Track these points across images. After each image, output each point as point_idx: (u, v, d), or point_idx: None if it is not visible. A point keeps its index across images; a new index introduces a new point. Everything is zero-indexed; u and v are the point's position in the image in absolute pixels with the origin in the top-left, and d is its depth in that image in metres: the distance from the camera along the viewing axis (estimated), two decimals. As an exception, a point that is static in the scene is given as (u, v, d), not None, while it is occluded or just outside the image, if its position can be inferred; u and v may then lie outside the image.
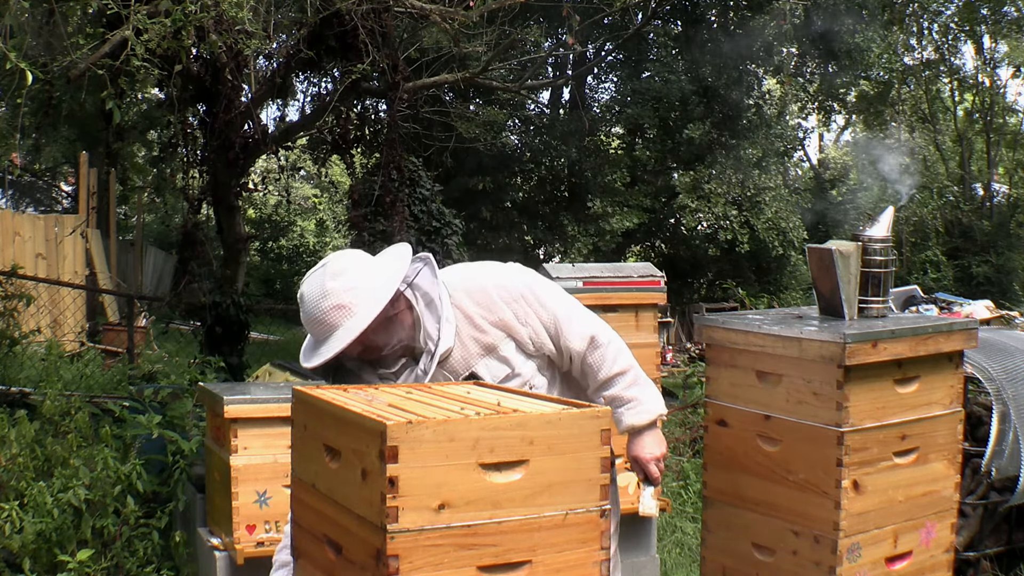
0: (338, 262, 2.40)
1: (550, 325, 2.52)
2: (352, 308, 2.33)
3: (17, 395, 5.79)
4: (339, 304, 2.32)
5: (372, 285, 2.36)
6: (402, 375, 2.48)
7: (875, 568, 2.81)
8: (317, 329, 2.35)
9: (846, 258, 2.91)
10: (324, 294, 2.33)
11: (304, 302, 2.37)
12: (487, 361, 2.48)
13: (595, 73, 19.03)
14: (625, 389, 2.56)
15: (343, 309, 2.32)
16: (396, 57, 7.99)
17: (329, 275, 2.36)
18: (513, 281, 2.52)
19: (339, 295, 2.33)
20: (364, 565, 1.91)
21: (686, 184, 17.31)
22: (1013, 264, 20.08)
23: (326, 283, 2.34)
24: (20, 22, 5.91)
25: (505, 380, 2.48)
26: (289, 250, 22.67)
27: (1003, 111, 22.16)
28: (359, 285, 2.35)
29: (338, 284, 2.34)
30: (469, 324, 2.47)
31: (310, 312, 2.35)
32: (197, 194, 7.72)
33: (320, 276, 2.38)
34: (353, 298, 2.33)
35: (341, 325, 2.32)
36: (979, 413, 4.63)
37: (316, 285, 2.36)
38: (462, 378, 2.47)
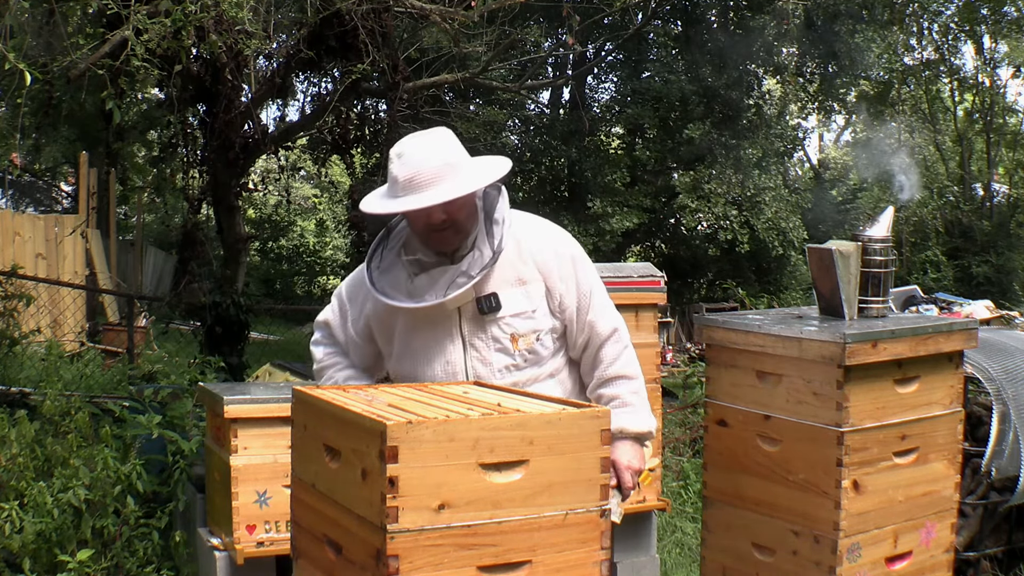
0: (448, 133, 2.47)
1: (584, 296, 2.54)
2: (461, 171, 2.39)
3: (17, 395, 5.78)
4: (451, 163, 2.38)
5: (479, 163, 2.47)
6: (439, 277, 2.44)
7: (875, 568, 2.81)
8: (419, 178, 2.35)
9: (846, 258, 2.91)
10: (438, 150, 2.38)
11: (410, 152, 2.38)
12: (513, 291, 2.48)
13: (595, 73, 19.03)
14: (628, 393, 2.56)
15: (454, 168, 2.38)
16: (396, 57, 8.00)
17: (441, 139, 2.43)
18: (569, 242, 2.59)
19: (452, 155, 2.39)
20: (364, 565, 1.91)
21: (686, 184, 17.30)
22: (1013, 264, 20.07)
23: (439, 143, 2.41)
24: (20, 22, 5.91)
25: (520, 316, 2.48)
26: (289, 250, 22.66)
27: (1003, 111, 22.16)
28: (467, 157, 2.45)
29: (452, 148, 2.41)
30: (515, 252, 2.49)
31: (416, 163, 2.36)
32: (197, 194, 7.72)
33: (431, 136, 2.44)
34: (463, 162, 2.41)
35: (447, 180, 2.35)
36: (979, 413, 4.62)
37: (428, 142, 2.41)
38: (480, 297, 2.44)
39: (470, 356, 2.49)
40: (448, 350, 2.49)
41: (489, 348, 2.48)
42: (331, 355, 2.67)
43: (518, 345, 2.49)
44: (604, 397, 2.56)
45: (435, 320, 2.48)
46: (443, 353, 2.49)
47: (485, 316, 2.46)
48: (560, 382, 2.58)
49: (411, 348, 2.52)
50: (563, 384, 2.59)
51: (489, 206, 2.51)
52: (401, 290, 2.48)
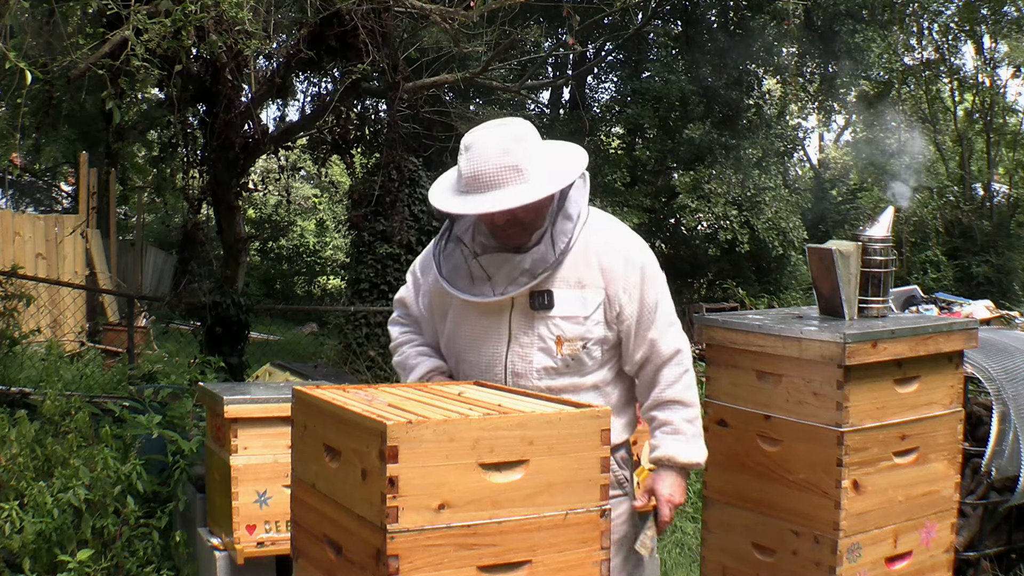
0: (522, 127, 2.36)
1: (648, 311, 2.44)
2: (526, 175, 2.28)
3: (17, 395, 5.79)
4: (516, 166, 2.28)
5: (550, 165, 2.33)
6: (502, 271, 2.40)
7: (875, 568, 2.81)
8: (480, 180, 2.28)
9: (846, 258, 2.91)
10: (505, 150, 2.28)
11: (476, 149, 2.30)
12: (570, 292, 2.39)
13: (595, 73, 19.03)
14: (682, 420, 2.45)
15: (518, 172, 2.28)
16: (396, 57, 7.98)
17: (511, 135, 2.31)
18: (642, 250, 2.50)
19: (519, 158, 2.28)
20: (364, 565, 1.91)
21: (686, 184, 17.30)
22: (1013, 264, 20.06)
23: (508, 141, 2.29)
24: (20, 22, 5.91)
25: (570, 320, 2.39)
26: (289, 250, 22.65)
27: (1003, 111, 22.14)
28: (540, 157, 2.32)
29: (521, 148, 2.29)
30: (582, 253, 2.41)
31: (481, 162, 2.27)
32: (197, 194, 7.71)
33: (501, 131, 2.32)
34: (530, 166, 2.29)
35: (509, 186, 2.26)
36: (979, 413, 4.62)
37: (496, 138, 2.30)
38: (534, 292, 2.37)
39: (512, 350, 2.41)
40: (493, 340, 2.43)
41: (532, 346, 2.40)
42: (406, 332, 2.65)
43: (562, 349, 2.40)
44: (656, 420, 2.46)
45: (487, 307, 2.42)
46: (488, 343, 2.44)
47: (535, 312, 2.38)
48: (603, 395, 2.47)
49: (460, 332, 2.49)
50: (606, 397, 2.48)
51: (565, 196, 2.41)
52: (461, 273, 2.43)
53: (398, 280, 11.29)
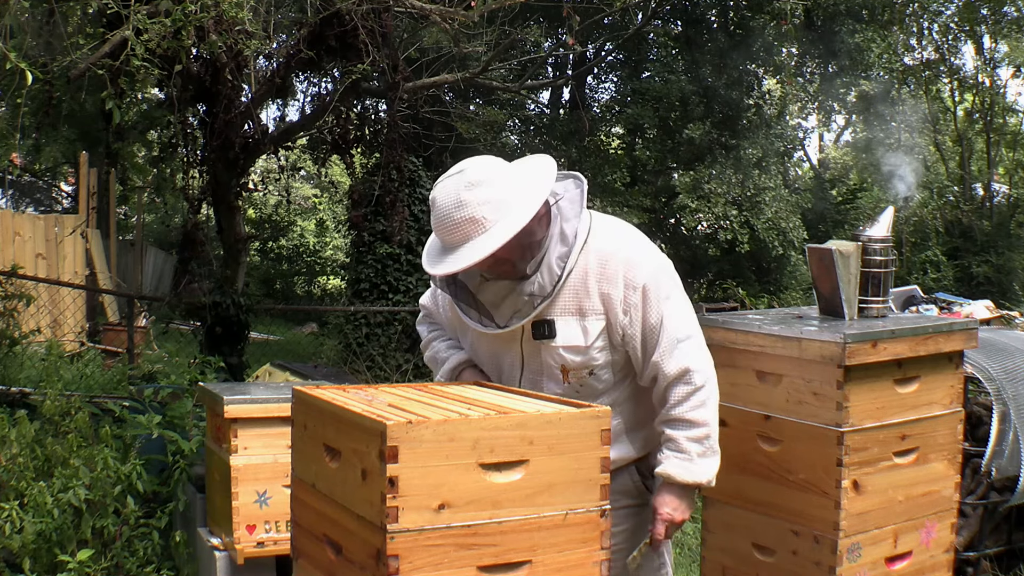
0: (476, 171, 2.25)
1: (651, 332, 2.37)
2: (486, 224, 2.21)
3: (17, 395, 5.79)
4: (472, 218, 2.20)
5: (510, 202, 2.23)
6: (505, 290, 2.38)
7: (875, 568, 2.81)
8: (446, 237, 2.25)
9: (846, 258, 2.91)
10: (458, 204, 2.21)
11: (436, 207, 2.25)
12: (570, 321, 2.35)
13: (595, 73, 19.03)
14: (686, 440, 2.37)
15: (476, 224, 2.21)
16: (396, 57, 7.98)
17: (464, 184, 2.23)
18: (644, 267, 2.37)
19: (474, 208, 2.20)
20: (364, 565, 1.91)
21: (686, 184, 17.30)
22: (1013, 264, 20.06)
23: (461, 193, 2.21)
24: (20, 22, 5.91)
25: (572, 350, 2.37)
26: (289, 250, 22.65)
27: (1003, 111, 22.15)
28: (496, 199, 2.22)
29: (474, 196, 2.21)
30: (581, 279, 2.35)
31: (441, 219, 2.23)
32: (197, 194, 7.70)
33: (456, 183, 2.24)
34: (488, 213, 2.21)
35: (472, 240, 2.20)
36: (979, 413, 4.63)
37: (451, 192, 2.23)
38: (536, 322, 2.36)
39: (525, 376, 2.44)
40: (507, 365, 2.47)
41: (542, 373, 2.41)
42: (434, 330, 2.71)
43: (568, 377, 2.38)
44: (664, 436, 2.41)
45: (504, 346, 2.46)
46: (503, 367, 2.49)
47: (539, 342, 2.38)
48: (620, 414, 2.43)
49: (478, 353, 2.55)
50: (623, 416, 2.45)
51: (563, 212, 2.36)
52: (471, 300, 2.43)
53: (398, 280, 11.29)
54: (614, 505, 2.22)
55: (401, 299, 11.15)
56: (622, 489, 2.47)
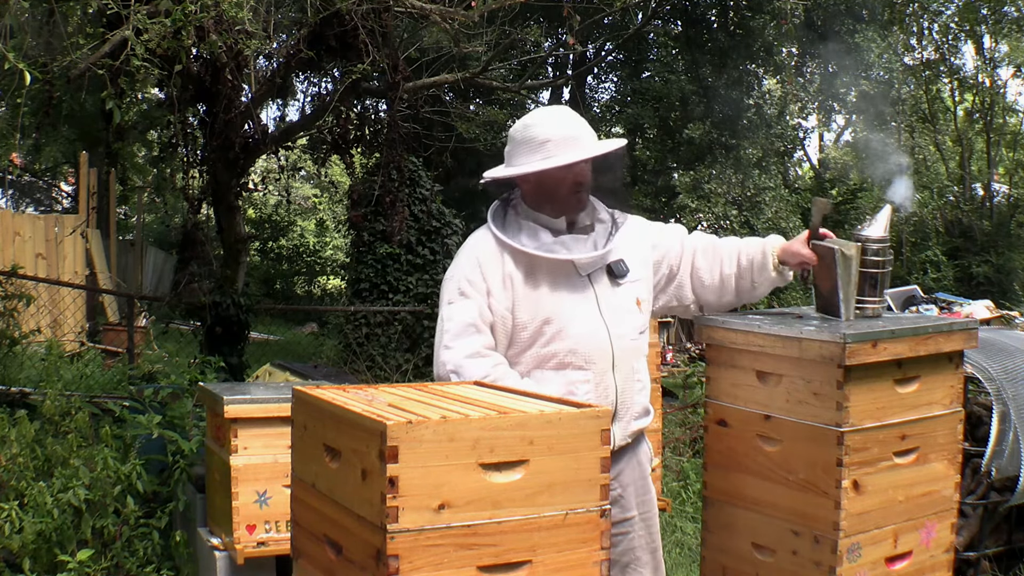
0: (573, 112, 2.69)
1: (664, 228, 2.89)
2: (588, 137, 2.62)
3: (17, 395, 5.79)
4: (590, 130, 2.63)
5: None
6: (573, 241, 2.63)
7: (875, 568, 2.80)
8: (570, 136, 2.56)
9: (848, 259, 2.91)
10: (575, 118, 2.61)
11: (549, 117, 2.61)
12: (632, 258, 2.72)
13: (595, 73, 19.04)
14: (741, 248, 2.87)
15: (591, 132, 2.63)
16: (396, 57, 7.98)
17: (571, 112, 2.67)
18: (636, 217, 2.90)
19: (586, 126, 2.63)
20: (364, 565, 1.91)
21: (686, 184, 17.31)
22: (1013, 264, 20.07)
23: (573, 116, 2.63)
24: (20, 22, 5.91)
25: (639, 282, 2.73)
26: (289, 250, 22.66)
27: (1003, 111, 22.16)
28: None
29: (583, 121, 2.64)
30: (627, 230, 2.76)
31: (563, 122, 2.59)
32: (197, 194, 7.70)
33: (564, 109, 2.68)
34: (591, 130, 2.65)
35: (591, 142, 2.59)
36: (979, 413, 4.63)
37: (562, 110, 2.66)
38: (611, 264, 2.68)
39: (606, 316, 2.64)
40: (583, 314, 2.62)
41: (619, 309, 2.67)
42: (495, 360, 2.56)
43: (641, 308, 2.74)
44: (743, 256, 2.87)
45: (572, 284, 2.62)
46: (584, 314, 2.62)
47: (617, 279, 2.66)
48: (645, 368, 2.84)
49: (549, 313, 2.59)
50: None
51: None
52: (542, 245, 2.61)
53: (398, 280, 11.29)
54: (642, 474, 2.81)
55: (401, 299, 11.15)
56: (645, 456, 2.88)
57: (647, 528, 2.78)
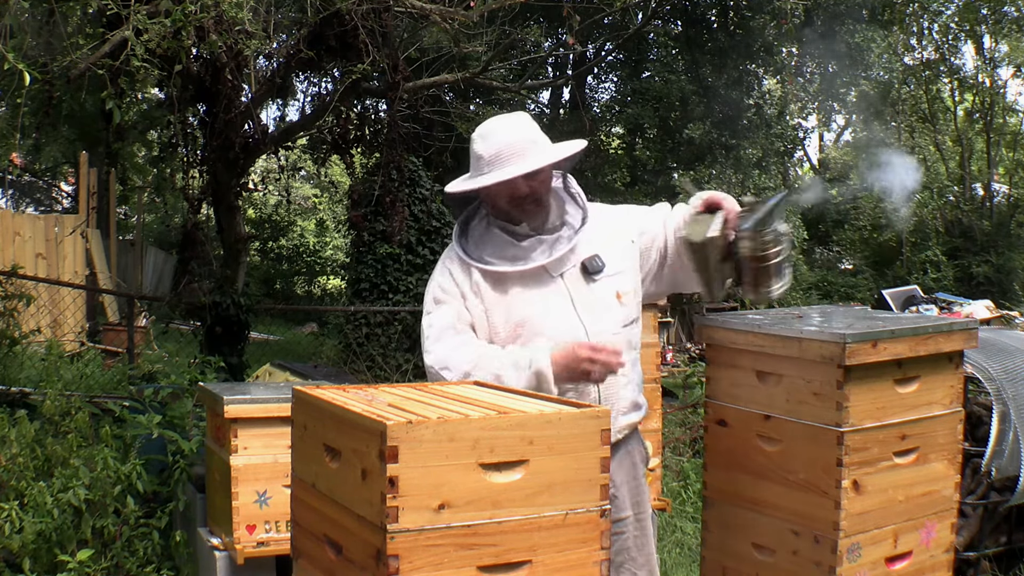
0: (526, 116, 2.69)
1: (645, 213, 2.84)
2: (541, 145, 2.60)
3: (17, 395, 5.78)
4: (532, 139, 2.59)
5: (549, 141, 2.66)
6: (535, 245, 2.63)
7: (875, 568, 2.80)
8: (503, 153, 2.55)
9: (697, 245, 2.70)
10: (521, 127, 2.61)
11: (493, 131, 2.60)
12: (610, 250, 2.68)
13: (595, 73, 19.02)
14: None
15: (535, 143, 2.59)
16: (396, 57, 7.98)
17: (522, 119, 2.66)
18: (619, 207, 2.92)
19: (534, 133, 2.61)
20: (364, 565, 1.91)
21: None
22: (1013, 264, 20.07)
23: (519, 121, 2.64)
24: (20, 22, 5.91)
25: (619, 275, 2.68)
26: (289, 250, 22.66)
27: (1003, 111, 22.16)
28: (543, 136, 2.65)
29: (531, 128, 2.63)
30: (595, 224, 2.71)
31: (501, 137, 2.57)
32: (197, 194, 7.71)
33: (512, 117, 2.67)
34: (541, 139, 2.63)
35: (530, 154, 2.55)
36: (979, 413, 4.63)
37: (510, 121, 2.64)
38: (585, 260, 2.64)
39: (581, 313, 2.60)
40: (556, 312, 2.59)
41: (595, 306, 2.62)
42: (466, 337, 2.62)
43: (623, 300, 2.67)
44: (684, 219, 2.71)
45: (544, 286, 2.60)
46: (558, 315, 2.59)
47: (592, 276, 2.62)
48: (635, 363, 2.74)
49: (521, 316, 2.58)
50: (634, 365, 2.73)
51: (571, 185, 2.76)
52: (506, 256, 2.61)
53: (398, 280, 11.29)
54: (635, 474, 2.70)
55: (401, 299, 11.15)
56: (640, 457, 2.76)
57: (641, 528, 2.75)
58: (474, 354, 2.53)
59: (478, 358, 2.52)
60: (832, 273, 20.71)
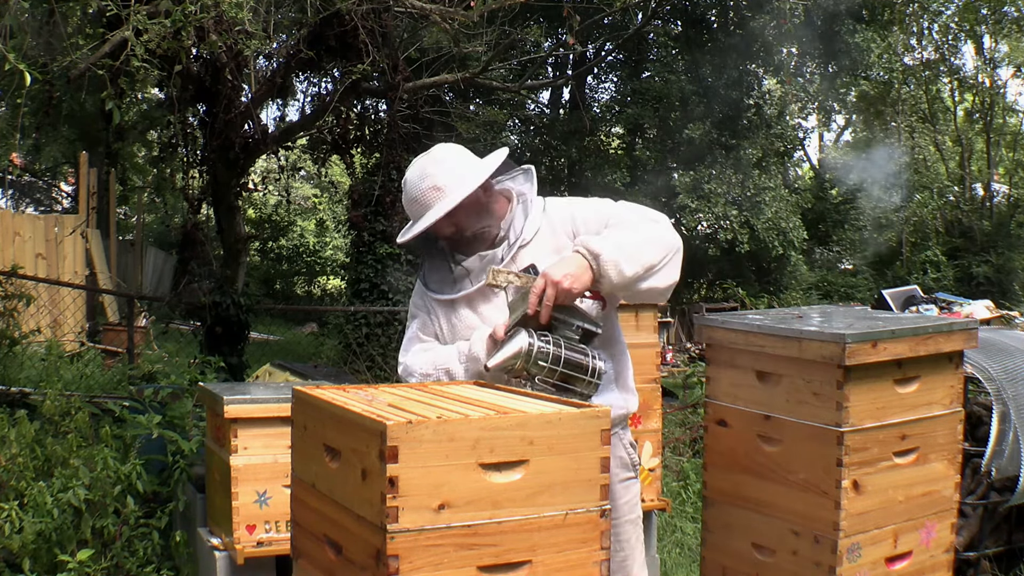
0: (441, 151, 2.65)
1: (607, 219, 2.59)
2: (446, 189, 2.54)
3: (17, 395, 5.78)
4: (435, 185, 2.55)
5: (465, 172, 2.58)
6: (476, 264, 2.61)
7: (875, 568, 2.80)
8: (414, 208, 2.58)
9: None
10: (424, 176, 2.57)
11: (407, 184, 2.62)
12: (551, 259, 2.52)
13: (595, 73, 19.03)
14: (615, 232, 2.47)
15: (438, 190, 2.54)
16: (396, 57, 7.99)
17: (431, 161, 2.62)
18: (590, 199, 2.71)
19: (436, 177, 2.56)
20: (364, 565, 1.91)
21: (686, 184, 17.30)
22: (1013, 264, 20.07)
23: (427, 167, 2.59)
24: (20, 22, 5.91)
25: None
26: (289, 250, 22.65)
27: (1003, 111, 22.16)
28: (455, 170, 2.58)
29: (437, 169, 2.58)
30: (549, 229, 2.62)
31: (410, 191, 2.59)
32: (197, 194, 7.72)
33: (423, 161, 2.63)
34: (448, 180, 2.55)
35: (435, 204, 2.53)
36: (979, 413, 4.62)
37: (418, 168, 2.61)
38: (519, 269, 2.52)
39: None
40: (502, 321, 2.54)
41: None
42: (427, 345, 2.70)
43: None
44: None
45: (489, 303, 2.59)
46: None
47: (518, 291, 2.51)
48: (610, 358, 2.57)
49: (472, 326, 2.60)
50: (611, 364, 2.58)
51: (520, 188, 2.69)
52: (447, 281, 2.66)
53: (398, 280, 11.28)
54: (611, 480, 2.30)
55: (401, 299, 11.15)
56: (619, 462, 2.59)
57: (614, 536, 2.61)
58: (430, 357, 2.64)
59: (433, 359, 2.63)
60: (832, 273, 20.72)
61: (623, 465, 2.65)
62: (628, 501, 2.66)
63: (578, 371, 2.36)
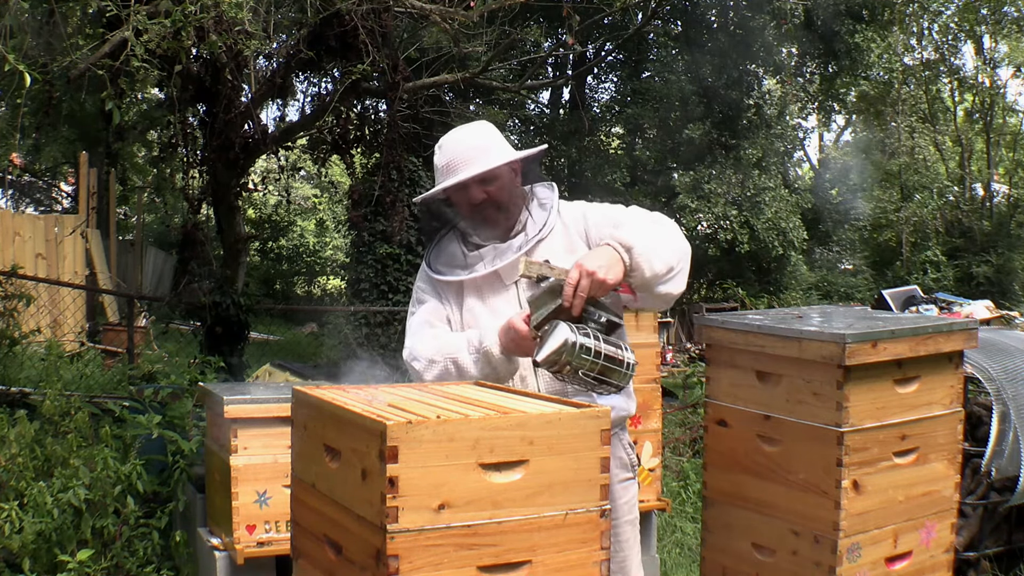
0: (484, 123, 2.74)
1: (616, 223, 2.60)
2: (491, 151, 2.60)
3: (17, 395, 5.78)
4: (479, 145, 2.61)
5: (507, 146, 2.68)
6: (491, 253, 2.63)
7: (875, 568, 2.80)
8: (453, 163, 2.59)
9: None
10: (469, 134, 2.65)
11: (445, 144, 2.64)
12: (565, 257, 2.55)
13: (595, 73, 19.03)
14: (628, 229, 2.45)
15: (484, 151, 2.60)
16: (396, 57, 7.98)
17: (476, 126, 2.70)
18: (602, 204, 2.77)
19: (482, 137, 2.64)
20: (364, 565, 1.91)
21: (686, 184, 17.30)
22: (1013, 264, 20.07)
23: (473, 129, 2.68)
24: (20, 22, 5.91)
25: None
26: (289, 250, 22.65)
27: (1003, 111, 22.17)
28: (499, 140, 2.68)
29: (484, 130, 2.67)
30: (562, 229, 2.65)
31: (450, 148, 2.62)
32: (197, 194, 7.71)
33: (467, 127, 2.71)
34: (493, 144, 2.64)
35: (478, 160, 2.56)
36: (979, 413, 4.63)
37: (462, 131, 2.68)
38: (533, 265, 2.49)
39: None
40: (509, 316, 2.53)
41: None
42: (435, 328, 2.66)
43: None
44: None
45: (498, 294, 2.60)
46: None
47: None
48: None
49: (480, 321, 2.60)
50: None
51: (539, 195, 2.72)
52: (457, 265, 2.65)
53: (398, 280, 11.28)
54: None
55: (401, 299, 11.15)
56: (618, 463, 2.59)
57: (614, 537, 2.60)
58: (437, 343, 2.61)
59: (441, 346, 2.59)
60: (832, 273, 20.72)
61: (622, 466, 2.65)
62: (627, 502, 2.66)
63: (615, 363, 2.35)
